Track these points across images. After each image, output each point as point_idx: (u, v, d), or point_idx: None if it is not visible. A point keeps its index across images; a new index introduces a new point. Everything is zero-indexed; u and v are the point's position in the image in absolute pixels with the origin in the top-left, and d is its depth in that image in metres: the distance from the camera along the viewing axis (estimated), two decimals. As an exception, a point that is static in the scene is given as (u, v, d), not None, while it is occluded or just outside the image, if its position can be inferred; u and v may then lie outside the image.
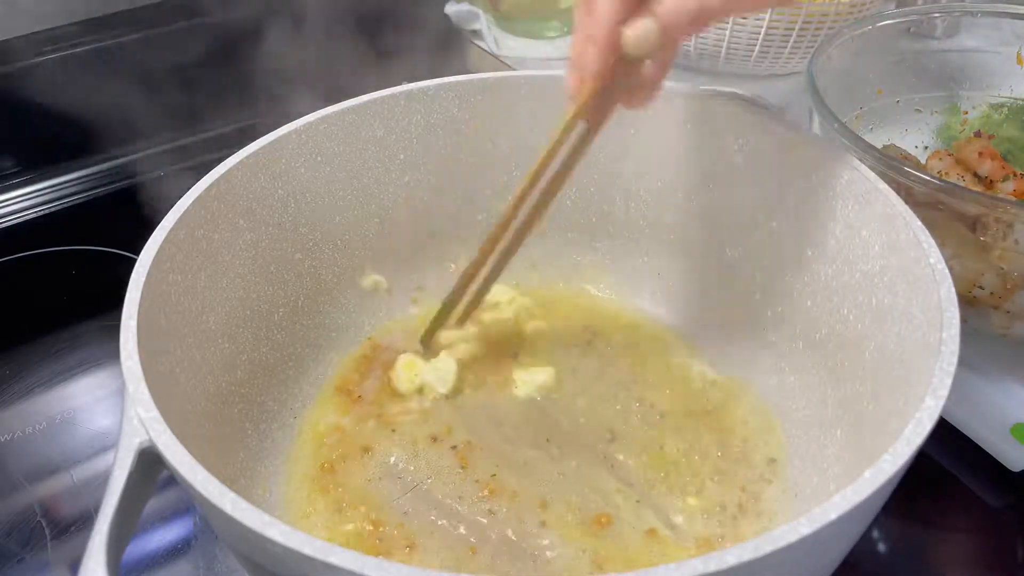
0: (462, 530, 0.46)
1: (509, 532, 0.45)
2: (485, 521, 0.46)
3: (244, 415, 0.49)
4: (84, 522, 0.51)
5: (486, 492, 0.47)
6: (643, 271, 0.60)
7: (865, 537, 0.37)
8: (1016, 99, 0.67)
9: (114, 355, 0.36)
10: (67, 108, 0.83)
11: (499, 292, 0.60)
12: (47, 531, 0.51)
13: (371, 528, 0.46)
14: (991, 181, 0.60)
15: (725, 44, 0.75)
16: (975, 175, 0.61)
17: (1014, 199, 0.59)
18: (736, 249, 0.55)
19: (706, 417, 0.52)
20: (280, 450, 0.50)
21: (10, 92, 0.82)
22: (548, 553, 0.44)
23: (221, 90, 0.85)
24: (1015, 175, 0.60)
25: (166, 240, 0.42)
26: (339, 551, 0.27)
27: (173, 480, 0.33)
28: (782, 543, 0.28)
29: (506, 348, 0.57)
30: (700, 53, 0.77)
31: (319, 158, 0.52)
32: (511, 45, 1.04)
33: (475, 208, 0.60)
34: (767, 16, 0.72)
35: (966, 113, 0.69)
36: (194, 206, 0.45)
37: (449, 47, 1.06)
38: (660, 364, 0.55)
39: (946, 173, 0.60)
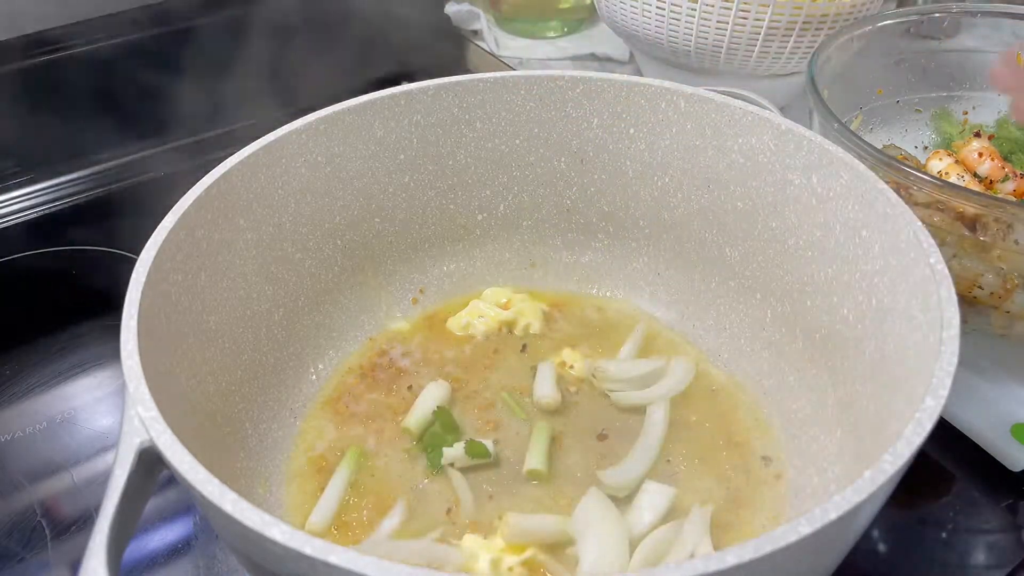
0: (460, 528, 0.46)
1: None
2: (484, 519, 0.46)
3: (244, 415, 0.49)
4: (84, 522, 0.51)
5: (484, 487, 0.48)
6: (643, 271, 0.60)
7: (865, 537, 0.37)
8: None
9: (114, 355, 0.36)
10: (67, 108, 0.83)
11: (499, 293, 0.60)
12: (47, 531, 0.51)
13: (371, 529, 0.46)
14: (991, 181, 0.60)
15: (725, 44, 0.75)
16: (975, 175, 0.61)
17: (1014, 199, 0.59)
18: (736, 249, 0.55)
19: (705, 416, 0.52)
20: (280, 450, 0.50)
21: (10, 92, 0.82)
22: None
23: (221, 90, 0.85)
24: (1015, 175, 0.60)
25: (166, 240, 0.42)
26: (339, 551, 0.27)
27: (173, 480, 0.33)
28: (782, 543, 0.28)
29: (506, 348, 0.57)
30: (700, 53, 0.77)
31: (319, 158, 0.52)
32: (511, 45, 1.04)
33: (475, 208, 0.60)
34: (767, 16, 0.72)
35: (966, 113, 0.69)
36: (194, 206, 0.45)
37: (449, 47, 1.06)
38: (660, 364, 0.55)
39: (946, 173, 0.60)
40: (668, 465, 0.49)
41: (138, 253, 0.41)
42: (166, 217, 0.43)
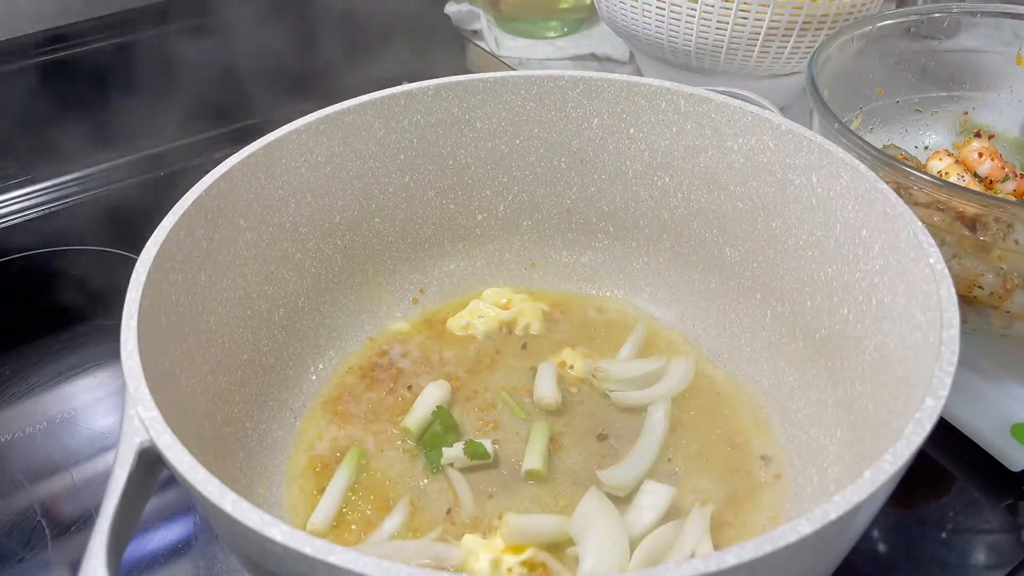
0: (460, 527, 0.46)
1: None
2: (484, 519, 0.46)
3: (244, 415, 0.49)
4: (84, 522, 0.51)
5: (484, 487, 0.48)
6: (643, 271, 0.60)
7: (865, 537, 0.37)
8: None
9: (114, 355, 0.36)
10: (67, 108, 0.83)
11: (499, 293, 0.60)
12: (47, 531, 0.51)
13: (371, 528, 0.46)
14: (991, 181, 0.60)
15: (725, 44, 0.75)
16: (975, 175, 0.61)
17: (1014, 199, 0.59)
18: (736, 249, 0.55)
19: (705, 416, 0.52)
20: (280, 450, 0.50)
21: (10, 92, 0.82)
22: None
23: (221, 90, 0.85)
24: (1015, 175, 0.60)
25: (166, 240, 0.42)
26: (339, 551, 0.27)
27: (173, 480, 0.33)
28: (782, 543, 0.28)
29: (506, 349, 0.57)
30: (700, 53, 0.77)
31: (319, 158, 0.52)
32: (511, 45, 1.04)
33: (475, 208, 0.60)
34: (767, 16, 0.72)
35: (966, 113, 0.69)
36: (194, 206, 0.45)
37: (449, 47, 1.06)
38: (660, 364, 0.55)
39: (946, 173, 0.60)
40: (668, 465, 0.49)
41: (138, 253, 0.41)
42: (166, 217, 0.43)
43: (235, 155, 0.48)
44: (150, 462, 0.34)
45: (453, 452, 0.49)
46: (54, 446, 0.56)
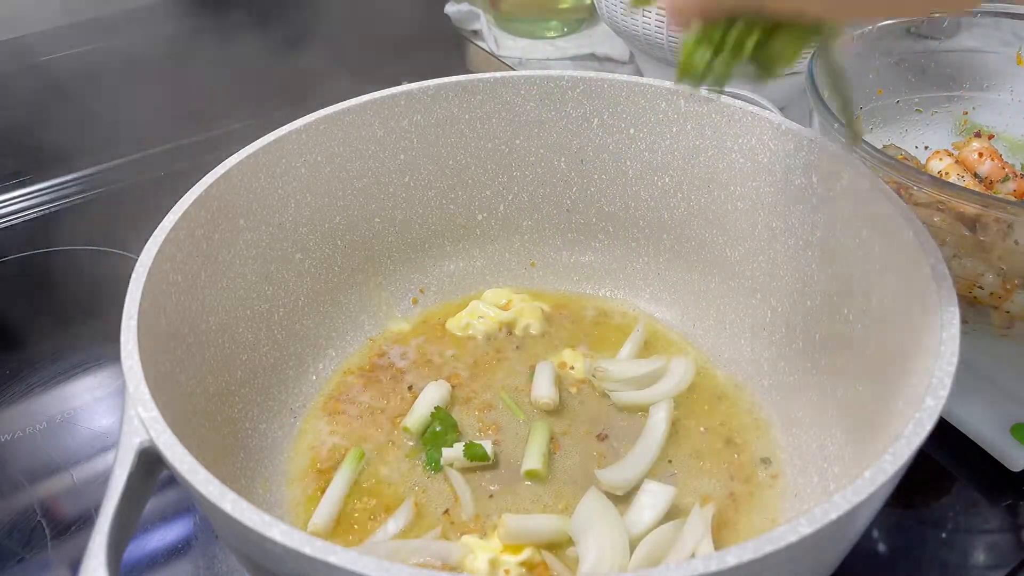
0: (459, 527, 0.46)
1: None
2: (484, 519, 0.46)
3: (244, 415, 0.49)
4: (84, 522, 0.51)
5: (484, 487, 0.48)
6: (643, 271, 0.60)
7: (865, 537, 0.37)
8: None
9: (114, 355, 0.36)
10: (67, 108, 0.83)
11: (499, 294, 0.60)
12: (47, 531, 0.51)
13: (372, 529, 0.46)
14: (991, 181, 0.60)
15: (725, 44, 0.75)
16: (975, 175, 0.61)
17: (1014, 199, 0.59)
18: (736, 249, 0.55)
19: (705, 416, 0.52)
20: (280, 450, 0.50)
21: (10, 92, 0.82)
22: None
23: (221, 90, 0.85)
24: (1015, 175, 0.60)
25: (166, 240, 0.42)
26: (339, 551, 0.28)
27: (173, 480, 0.33)
28: (782, 543, 0.28)
29: (506, 349, 0.57)
30: (700, 53, 0.77)
31: (319, 158, 0.52)
32: (511, 45, 1.04)
33: (475, 208, 0.60)
34: (767, 16, 0.72)
35: (966, 113, 0.69)
36: (194, 206, 0.45)
37: (449, 47, 1.06)
38: (660, 364, 0.55)
39: (946, 173, 0.60)
40: (668, 465, 0.49)
41: (138, 253, 0.41)
42: (166, 217, 0.43)
43: (235, 155, 0.48)
44: (150, 462, 0.34)
45: (453, 452, 0.49)
46: (54, 446, 0.56)
